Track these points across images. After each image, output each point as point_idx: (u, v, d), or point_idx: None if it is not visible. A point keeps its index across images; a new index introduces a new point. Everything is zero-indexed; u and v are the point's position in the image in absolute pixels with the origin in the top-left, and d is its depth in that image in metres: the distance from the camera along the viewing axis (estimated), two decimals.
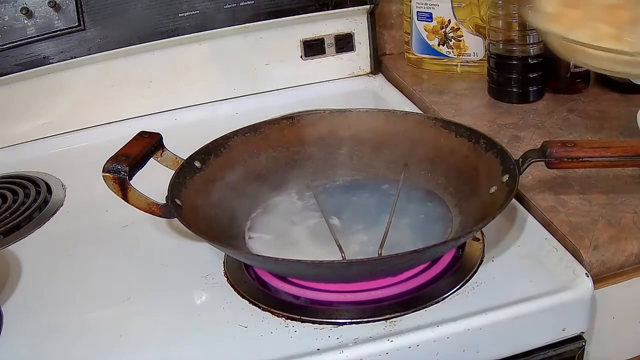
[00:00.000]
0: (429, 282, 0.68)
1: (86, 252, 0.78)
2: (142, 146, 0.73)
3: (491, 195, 0.71)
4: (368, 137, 0.83)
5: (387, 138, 0.83)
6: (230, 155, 0.79)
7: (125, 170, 0.69)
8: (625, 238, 0.70)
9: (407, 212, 0.76)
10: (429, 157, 0.80)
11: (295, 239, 0.73)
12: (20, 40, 0.96)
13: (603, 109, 0.96)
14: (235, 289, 0.69)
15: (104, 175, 0.69)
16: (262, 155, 0.81)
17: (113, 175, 0.69)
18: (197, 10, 1.01)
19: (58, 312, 0.69)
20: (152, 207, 0.71)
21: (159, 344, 0.64)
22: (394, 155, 0.82)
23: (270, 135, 0.82)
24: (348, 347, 0.61)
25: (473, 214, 0.72)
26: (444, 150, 0.79)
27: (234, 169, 0.79)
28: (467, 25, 1.09)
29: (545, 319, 0.65)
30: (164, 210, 0.71)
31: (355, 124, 0.84)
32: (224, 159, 0.78)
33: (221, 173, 0.77)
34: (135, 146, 0.73)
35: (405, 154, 0.81)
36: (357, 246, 0.71)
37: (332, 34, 1.11)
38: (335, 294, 0.67)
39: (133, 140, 0.74)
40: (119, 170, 0.69)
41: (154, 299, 0.70)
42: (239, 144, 0.80)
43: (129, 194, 0.70)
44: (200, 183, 0.75)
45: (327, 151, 0.83)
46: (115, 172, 0.69)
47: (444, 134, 0.80)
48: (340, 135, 0.83)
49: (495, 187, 0.72)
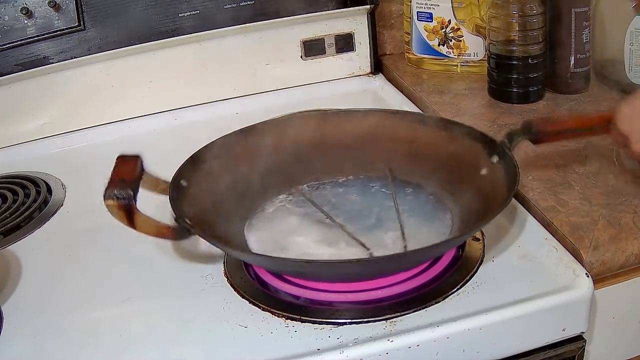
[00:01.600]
0: (429, 282, 0.68)
1: (86, 252, 0.78)
2: (131, 169, 0.67)
3: (483, 176, 0.73)
4: (342, 139, 0.83)
5: (362, 138, 0.83)
6: (210, 167, 0.77)
7: (130, 195, 0.63)
8: (625, 238, 0.70)
9: (403, 206, 0.76)
10: (408, 152, 0.81)
11: (298, 241, 0.73)
12: (20, 40, 0.96)
13: (603, 109, 0.96)
14: (235, 289, 0.69)
15: (108, 204, 0.63)
16: (245, 162, 0.80)
17: (117, 202, 0.63)
18: (197, 10, 1.01)
19: (58, 312, 0.69)
20: (163, 230, 0.66)
21: (159, 344, 0.64)
22: (373, 155, 0.82)
23: (249, 143, 0.81)
24: (348, 347, 0.61)
25: (469, 198, 0.74)
26: (420, 142, 0.81)
27: (217, 180, 0.77)
28: (467, 26, 1.09)
29: (545, 319, 0.65)
30: (175, 232, 0.66)
31: (330, 127, 0.84)
32: (204, 173, 0.76)
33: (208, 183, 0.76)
34: (125, 170, 0.67)
35: (386, 152, 0.82)
36: (361, 245, 0.71)
37: (332, 34, 1.11)
38: (335, 294, 0.67)
39: (119, 165, 0.68)
40: (123, 195, 0.63)
41: (154, 299, 0.70)
42: (222, 151, 0.78)
43: (136, 219, 0.64)
44: (195, 194, 0.73)
45: (301, 155, 0.82)
46: (120, 199, 0.63)
47: (415, 127, 0.81)
48: (307, 138, 0.83)
49: (485, 168, 0.73)
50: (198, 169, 0.75)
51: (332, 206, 0.78)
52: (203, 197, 0.73)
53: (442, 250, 0.69)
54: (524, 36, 0.97)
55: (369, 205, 0.78)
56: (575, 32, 0.97)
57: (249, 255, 0.70)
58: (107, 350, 0.64)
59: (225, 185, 0.77)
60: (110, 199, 0.63)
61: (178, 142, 0.80)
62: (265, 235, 0.74)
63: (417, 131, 0.81)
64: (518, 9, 0.96)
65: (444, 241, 0.68)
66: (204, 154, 0.76)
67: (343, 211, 0.77)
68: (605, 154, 0.85)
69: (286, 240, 0.73)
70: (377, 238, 0.72)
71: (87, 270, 0.75)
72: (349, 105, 0.88)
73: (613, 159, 0.84)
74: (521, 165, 0.71)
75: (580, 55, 0.99)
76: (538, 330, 0.65)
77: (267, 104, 1.07)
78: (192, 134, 0.84)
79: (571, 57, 0.99)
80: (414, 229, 0.73)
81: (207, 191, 0.74)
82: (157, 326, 0.66)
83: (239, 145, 0.80)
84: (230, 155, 0.79)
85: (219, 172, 0.77)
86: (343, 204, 0.78)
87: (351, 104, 0.89)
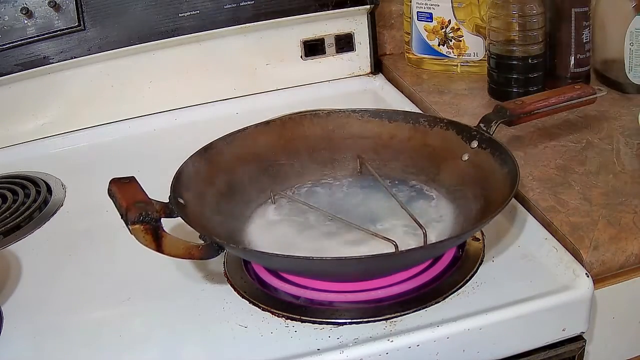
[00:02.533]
0: (429, 282, 0.68)
1: (86, 252, 0.78)
2: (136, 190, 0.63)
3: (466, 162, 0.76)
4: (310, 140, 0.84)
5: (329, 139, 0.84)
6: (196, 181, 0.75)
7: (156, 216, 0.59)
8: (625, 238, 0.70)
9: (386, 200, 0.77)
10: (373, 148, 0.83)
11: (300, 241, 0.73)
12: (20, 40, 0.96)
13: (603, 109, 0.96)
14: (235, 289, 0.69)
15: (134, 228, 0.59)
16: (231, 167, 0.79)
17: (144, 226, 0.59)
18: (197, 10, 1.01)
19: (58, 312, 0.69)
20: (192, 250, 0.62)
21: (159, 344, 0.64)
22: (342, 154, 0.83)
23: (234, 148, 0.80)
24: (348, 347, 0.61)
25: (470, 198, 0.74)
26: (383, 137, 0.82)
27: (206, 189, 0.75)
28: (467, 26, 1.09)
29: (545, 319, 0.65)
30: (204, 250, 0.63)
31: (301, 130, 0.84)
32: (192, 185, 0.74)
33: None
34: (131, 192, 0.63)
35: (356, 150, 0.83)
36: (363, 243, 0.70)
37: (332, 34, 1.11)
38: (335, 293, 0.67)
39: (122, 188, 0.64)
40: (149, 217, 0.59)
41: (154, 299, 0.70)
42: (200, 163, 0.76)
43: (163, 242, 0.60)
44: (197, 212, 0.71)
45: (287, 158, 0.82)
46: (146, 222, 0.59)
47: (377, 123, 0.83)
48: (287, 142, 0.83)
49: (467, 154, 0.77)
50: (188, 184, 0.73)
51: (329, 206, 0.77)
52: (203, 212, 0.72)
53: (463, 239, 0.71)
54: (524, 36, 0.97)
55: (365, 201, 0.78)
56: (575, 32, 0.97)
57: (294, 259, 0.65)
58: (107, 350, 0.64)
59: (217, 196, 0.75)
60: (137, 223, 0.59)
61: (178, 142, 0.79)
62: (271, 239, 0.73)
63: (376, 128, 0.83)
64: (518, 9, 0.96)
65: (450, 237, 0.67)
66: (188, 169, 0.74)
67: (342, 209, 0.77)
68: (605, 154, 0.85)
69: (286, 243, 0.72)
70: (386, 230, 0.72)
71: (87, 270, 0.75)
72: (349, 105, 0.88)
73: (613, 159, 0.84)
74: (521, 166, 0.71)
75: (580, 55, 0.99)
76: (538, 330, 0.65)
77: (267, 104, 1.07)
78: (192, 134, 0.84)
79: (571, 57, 0.99)
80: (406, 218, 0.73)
81: (205, 204, 0.73)
82: (157, 326, 0.66)
83: (223, 155, 0.79)
84: (218, 165, 0.78)
85: (209, 183, 0.76)
86: (340, 203, 0.78)
87: (351, 104, 0.88)
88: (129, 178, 0.65)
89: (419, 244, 0.68)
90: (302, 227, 0.74)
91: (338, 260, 0.62)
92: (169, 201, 0.68)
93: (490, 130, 0.77)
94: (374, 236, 0.68)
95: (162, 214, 0.65)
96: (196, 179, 0.74)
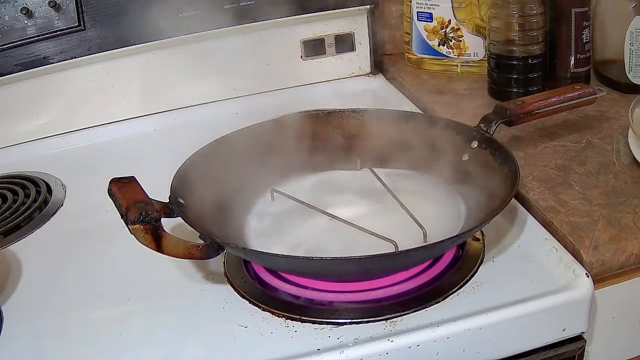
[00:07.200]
0: (429, 282, 0.68)
1: (86, 252, 0.78)
2: (136, 189, 0.63)
3: (466, 162, 0.77)
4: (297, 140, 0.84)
5: (329, 139, 0.85)
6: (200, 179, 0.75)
7: (157, 216, 0.60)
8: (625, 238, 0.70)
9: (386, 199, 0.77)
10: (373, 148, 0.83)
11: (300, 239, 0.73)
12: (20, 40, 0.96)
13: (603, 109, 0.96)
14: (235, 289, 0.69)
15: (134, 228, 0.59)
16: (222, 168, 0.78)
17: (144, 226, 0.59)
18: (197, 10, 1.01)
19: (58, 312, 0.69)
20: (192, 250, 0.63)
21: (159, 344, 0.64)
22: (342, 154, 0.84)
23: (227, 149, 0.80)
24: (348, 347, 0.61)
25: (451, 182, 0.76)
26: (383, 137, 0.83)
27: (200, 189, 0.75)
28: (467, 26, 1.09)
29: (545, 319, 0.65)
30: (204, 250, 0.63)
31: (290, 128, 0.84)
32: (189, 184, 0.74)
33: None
34: (132, 192, 0.63)
35: (356, 150, 0.84)
36: (363, 243, 0.70)
37: (332, 34, 1.11)
38: (335, 294, 0.67)
39: (122, 187, 0.63)
40: (149, 217, 0.59)
41: (154, 299, 0.70)
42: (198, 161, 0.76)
43: (163, 242, 0.61)
44: (195, 212, 0.70)
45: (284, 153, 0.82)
46: (147, 222, 0.59)
47: (377, 123, 0.84)
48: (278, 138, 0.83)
49: (466, 154, 0.77)
50: (188, 183, 0.73)
51: (329, 205, 0.77)
52: (203, 212, 0.72)
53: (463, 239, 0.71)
54: (524, 36, 0.97)
55: (365, 201, 0.78)
56: (575, 32, 0.97)
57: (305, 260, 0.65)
58: (107, 350, 0.64)
59: (217, 195, 0.75)
60: (137, 223, 0.59)
61: (178, 142, 0.79)
62: (271, 238, 0.73)
63: (369, 126, 0.84)
64: (518, 9, 0.96)
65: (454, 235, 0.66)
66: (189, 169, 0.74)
67: (342, 209, 0.76)
68: (605, 154, 0.85)
69: (297, 241, 0.72)
70: (386, 230, 0.70)
71: (87, 270, 0.75)
72: (349, 105, 0.88)
73: (613, 159, 0.84)
74: (521, 166, 0.71)
75: (580, 55, 0.99)
76: (538, 330, 0.65)
77: (267, 104, 1.07)
78: (192, 134, 0.84)
79: (571, 57, 0.99)
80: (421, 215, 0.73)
81: (205, 203, 0.73)
82: (157, 326, 0.66)
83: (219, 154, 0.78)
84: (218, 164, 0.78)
85: (208, 182, 0.75)
86: (339, 203, 0.78)
87: (351, 104, 0.89)
88: (129, 178, 0.65)
89: (419, 244, 0.68)
90: (301, 227, 0.74)
91: (338, 260, 0.62)
92: (169, 201, 0.68)
93: (490, 130, 0.77)
94: (373, 236, 0.68)
95: (162, 214, 0.66)
96: (196, 178, 0.74)
